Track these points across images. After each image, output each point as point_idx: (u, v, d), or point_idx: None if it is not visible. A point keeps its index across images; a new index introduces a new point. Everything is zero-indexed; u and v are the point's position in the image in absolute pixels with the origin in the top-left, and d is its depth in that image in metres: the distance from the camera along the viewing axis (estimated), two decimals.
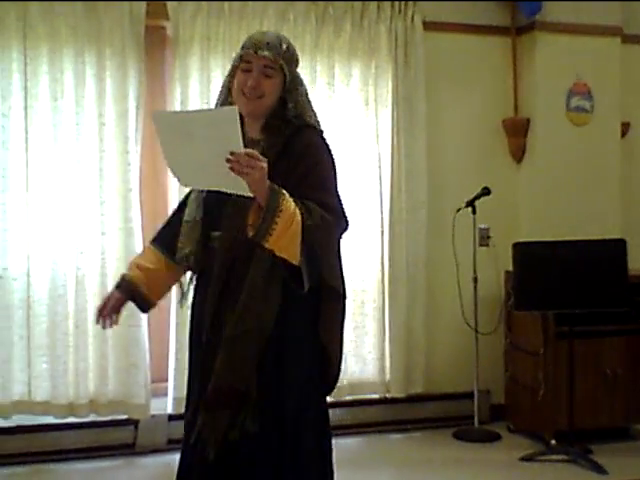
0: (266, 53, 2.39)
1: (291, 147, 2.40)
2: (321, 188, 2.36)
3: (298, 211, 2.21)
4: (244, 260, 2.29)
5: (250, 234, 2.20)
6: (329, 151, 2.48)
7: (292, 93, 2.46)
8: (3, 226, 4.17)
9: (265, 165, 2.16)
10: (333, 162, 2.47)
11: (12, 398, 4.18)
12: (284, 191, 2.22)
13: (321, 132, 2.49)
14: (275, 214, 2.17)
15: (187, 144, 2.18)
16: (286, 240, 2.20)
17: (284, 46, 2.44)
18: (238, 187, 2.18)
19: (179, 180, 2.31)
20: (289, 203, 2.20)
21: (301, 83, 2.50)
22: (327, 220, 2.28)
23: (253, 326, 2.27)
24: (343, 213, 2.39)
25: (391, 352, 4.81)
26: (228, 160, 2.11)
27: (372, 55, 4.77)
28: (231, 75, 2.46)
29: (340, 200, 2.42)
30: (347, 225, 2.42)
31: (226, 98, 2.47)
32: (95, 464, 4.27)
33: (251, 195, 2.18)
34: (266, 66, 2.40)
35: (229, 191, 2.24)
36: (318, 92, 4.66)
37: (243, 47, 2.43)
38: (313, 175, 2.37)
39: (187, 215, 2.47)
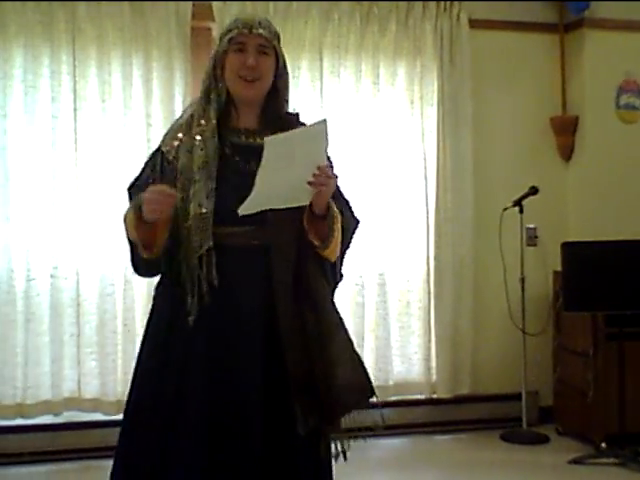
0: (261, 31, 2.25)
1: None
2: (338, 188, 2.31)
3: (339, 217, 2.24)
4: (296, 261, 2.21)
5: (315, 242, 2.19)
6: None
7: (283, 78, 2.34)
8: (53, 226, 4.24)
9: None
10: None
11: (63, 395, 4.26)
12: (335, 208, 2.23)
13: (299, 117, 2.40)
14: (334, 224, 2.20)
15: (286, 166, 2.11)
16: (336, 245, 2.24)
17: (273, 27, 2.31)
18: (300, 199, 2.15)
19: (243, 207, 2.10)
20: (337, 212, 2.23)
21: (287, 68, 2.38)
22: (353, 221, 2.36)
23: (338, 321, 2.24)
24: (353, 211, 2.41)
25: (437, 352, 4.78)
26: (312, 181, 2.10)
27: (417, 54, 4.76)
28: (218, 61, 2.27)
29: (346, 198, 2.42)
30: (359, 222, 2.42)
31: (213, 87, 2.28)
32: None
33: (307, 203, 2.16)
34: (261, 45, 2.27)
35: (288, 205, 2.15)
36: (363, 91, 4.66)
37: (231, 29, 2.26)
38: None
39: (194, 206, 2.17)
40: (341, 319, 2.25)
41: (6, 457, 4.20)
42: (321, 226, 2.20)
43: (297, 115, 2.38)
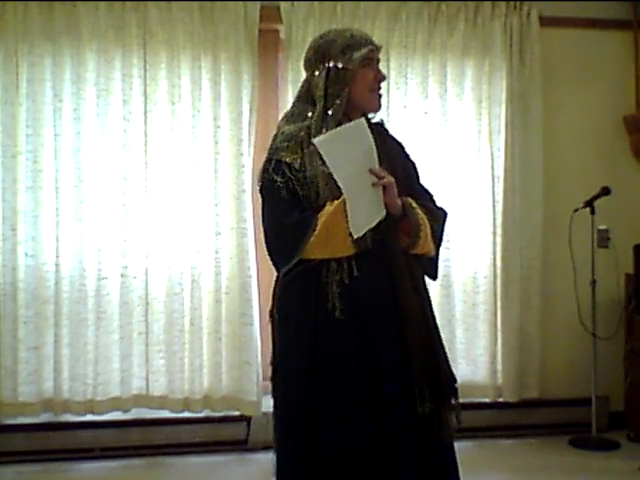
0: (379, 46, 2.48)
1: (388, 143, 2.52)
2: (424, 186, 2.61)
3: (426, 218, 2.44)
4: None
5: (405, 241, 2.40)
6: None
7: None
8: (123, 226, 4.34)
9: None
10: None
11: (131, 392, 4.36)
12: (413, 203, 2.43)
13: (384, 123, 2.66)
14: (419, 229, 2.40)
15: (350, 161, 2.25)
16: (427, 240, 2.44)
17: None
18: (380, 210, 2.33)
19: (355, 226, 2.26)
20: (421, 215, 2.43)
21: None
22: (440, 216, 2.56)
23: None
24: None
25: (503, 355, 4.72)
26: (374, 182, 2.29)
27: (486, 53, 4.70)
28: (340, 78, 2.38)
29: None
30: (447, 214, 2.63)
31: (332, 104, 2.39)
32: (209, 459, 4.38)
33: (385, 214, 2.33)
34: (378, 59, 2.49)
35: (379, 217, 2.32)
36: (430, 91, 4.62)
37: (354, 45, 2.38)
38: (417, 175, 2.59)
39: None
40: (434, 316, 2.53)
41: (77, 452, 4.32)
42: (406, 225, 2.39)
43: (382, 122, 2.59)
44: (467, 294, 4.68)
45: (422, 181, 2.66)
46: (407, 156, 2.63)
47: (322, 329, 2.35)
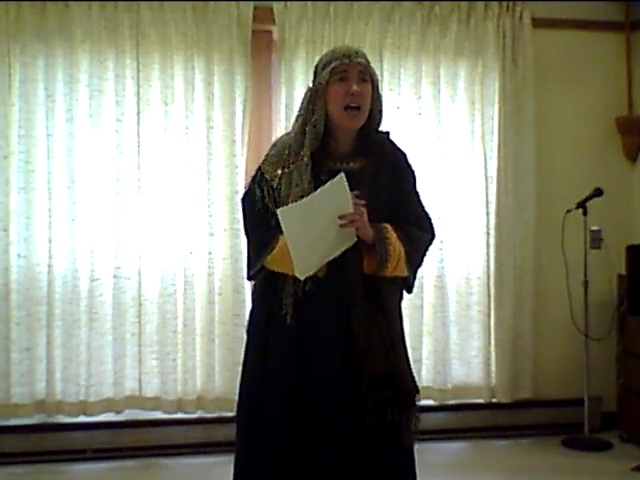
0: (360, 59, 2.43)
1: (383, 160, 2.53)
2: (417, 205, 2.61)
3: (400, 243, 2.46)
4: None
5: (372, 268, 2.43)
6: (406, 156, 2.65)
7: (378, 102, 2.52)
8: (116, 227, 4.33)
9: (363, 207, 2.38)
10: (413, 169, 2.65)
11: (124, 393, 4.35)
12: (388, 231, 2.45)
13: (390, 135, 2.63)
14: (387, 257, 2.42)
15: (309, 229, 2.37)
16: (397, 263, 2.47)
17: (366, 55, 2.52)
18: (345, 241, 2.39)
19: (299, 272, 2.38)
20: (393, 242, 2.45)
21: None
22: (422, 240, 2.59)
23: (400, 332, 2.56)
24: (431, 225, 2.65)
25: (497, 356, 4.72)
26: (341, 224, 2.35)
27: (479, 54, 4.71)
28: (317, 93, 2.44)
29: (426, 211, 2.66)
30: (434, 236, 2.66)
31: (309, 120, 2.44)
32: (202, 460, 4.37)
33: (355, 241, 2.39)
34: (360, 72, 2.43)
35: (339, 252, 2.40)
36: (423, 92, 4.63)
37: (330, 60, 2.42)
38: (411, 194, 2.60)
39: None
40: (402, 329, 2.58)
41: (69, 453, 4.31)
42: (373, 253, 2.43)
43: (387, 133, 2.59)
44: (461, 295, 4.69)
45: (420, 191, 2.67)
46: (407, 166, 2.63)
47: (273, 332, 2.47)
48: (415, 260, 2.55)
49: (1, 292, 4.23)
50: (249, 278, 2.60)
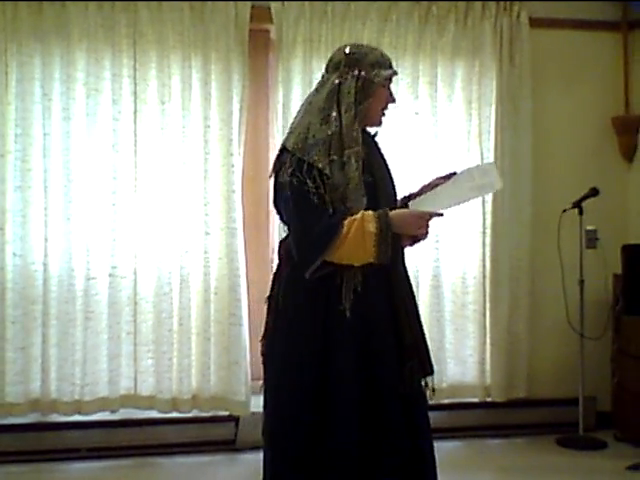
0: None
1: (377, 148, 2.72)
2: None
3: None
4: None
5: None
6: None
7: None
8: (112, 226, 4.33)
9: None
10: None
11: (119, 392, 4.35)
12: None
13: None
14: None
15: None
16: None
17: None
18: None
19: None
20: None
21: None
22: None
23: None
24: None
25: (492, 355, 4.73)
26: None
27: (476, 54, 4.71)
28: (367, 89, 2.54)
29: None
30: None
31: (359, 109, 2.53)
32: (197, 459, 4.38)
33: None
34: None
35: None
36: (420, 91, 4.63)
37: (386, 66, 2.57)
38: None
39: None
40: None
41: (64, 452, 4.31)
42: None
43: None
44: (456, 294, 4.69)
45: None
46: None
47: (332, 327, 2.49)
48: None
49: None
50: (307, 274, 2.49)
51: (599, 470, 4.25)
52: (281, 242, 2.67)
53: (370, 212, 2.45)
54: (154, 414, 4.39)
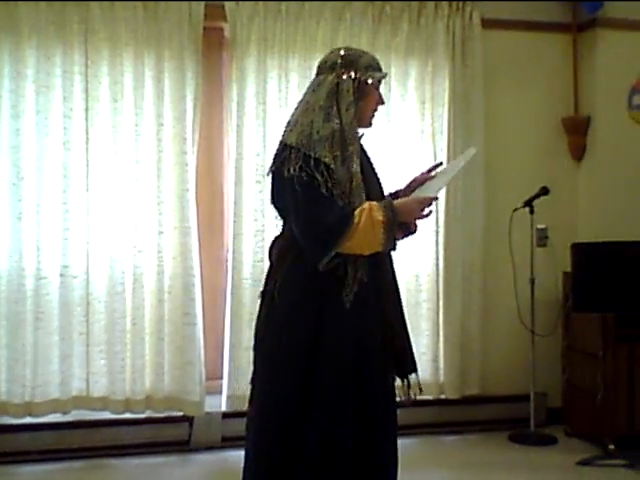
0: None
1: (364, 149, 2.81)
2: None
3: None
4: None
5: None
6: None
7: None
8: (64, 225, 4.27)
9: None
10: None
11: (71, 394, 4.29)
12: None
13: None
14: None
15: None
16: None
17: None
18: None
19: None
20: None
21: None
22: None
23: None
24: None
25: (445, 353, 4.78)
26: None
27: (429, 54, 4.75)
28: (360, 90, 2.61)
29: None
30: None
31: (354, 107, 2.60)
32: (151, 460, 4.34)
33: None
34: None
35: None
36: None
37: (374, 67, 2.65)
38: None
39: None
40: None
41: (15, 455, 4.23)
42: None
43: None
44: (410, 293, 4.72)
45: None
46: None
47: (328, 319, 2.53)
48: None
49: None
50: (320, 265, 2.52)
51: (550, 465, 4.32)
52: (275, 239, 2.73)
53: (375, 202, 2.53)
54: (107, 415, 4.34)
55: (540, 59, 5.03)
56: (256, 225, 4.48)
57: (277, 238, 2.72)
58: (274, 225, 4.47)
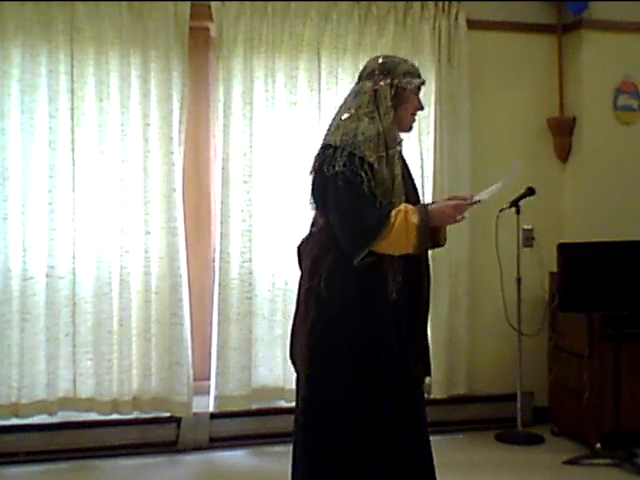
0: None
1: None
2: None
3: None
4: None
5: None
6: None
7: None
8: (50, 225, 4.25)
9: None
10: None
11: (58, 395, 4.27)
12: None
13: None
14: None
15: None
16: None
17: None
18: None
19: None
20: None
21: None
22: None
23: None
24: None
25: (432, 353, 4.72)
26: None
27: (415, 54, 4.74)
28: (397, 95, 2.70)
29: None
30: None
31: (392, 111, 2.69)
32: (138, 461, 4.32)
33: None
34: None
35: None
36: None
37: (412, 73, 2.74)
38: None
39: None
40: None
41: (1, 457, 4.20)
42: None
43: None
44: None
45: None
46: None
47: (379, 314, 2.64)
48: None
49: None
50: (356, 261, 2.61)
51: (537, 465, 4.33)
52: (305, 239, 2.84)
53: (411, 205, 2.61)
54: (94, 416, 4.32)
55: (526, 60, 5.05)
56: (243, 225, 4.48)
57: (308, 238, 2.82)
58: (262, 225, 4.56)
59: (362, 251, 2.58)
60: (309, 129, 4.57)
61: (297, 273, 4.41)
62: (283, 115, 4.56)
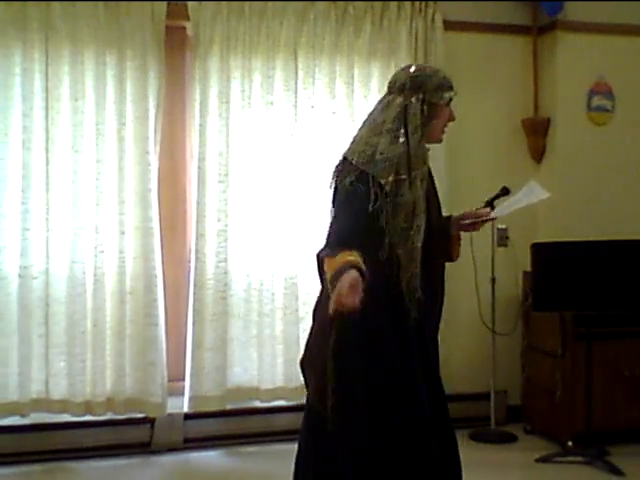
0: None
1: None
2: None
3: None
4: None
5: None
6: None
7: None
8: (23, 225, 4.21)
9: None
10: None
11: (30, 396, 4.23)
12: None
13: None
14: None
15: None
16: None
17: None
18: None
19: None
20: None
21: None
22: None
23: None
24: None
25: None
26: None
27: (392, 55, 4.76)
28: (429, 111, 2.65)
29: None
30: None
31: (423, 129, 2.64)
32: (111, 462, 4.31)
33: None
34: None
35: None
36: (337, 91, 4.66)
37: (449, 87, 2.71)
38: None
39: (414, 238, 2.61)
40: None
41: None
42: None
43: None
44: None
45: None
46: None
47: (402, 330, 2.67)
48: None
49: None
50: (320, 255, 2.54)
51: (510, 463, 4.39)
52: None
53: (356, 260, 2.38)
54: (67, 418, 4.29)
55: (501, 61, 5.07)
56: (219, 225, 4.47)
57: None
58: (238, 225, 4.54)
59: (321, 254, 2.49)
60: (285, 129, 4.57)
61: (282, 274, 4.52)
62: (260, 115, 4.55)
